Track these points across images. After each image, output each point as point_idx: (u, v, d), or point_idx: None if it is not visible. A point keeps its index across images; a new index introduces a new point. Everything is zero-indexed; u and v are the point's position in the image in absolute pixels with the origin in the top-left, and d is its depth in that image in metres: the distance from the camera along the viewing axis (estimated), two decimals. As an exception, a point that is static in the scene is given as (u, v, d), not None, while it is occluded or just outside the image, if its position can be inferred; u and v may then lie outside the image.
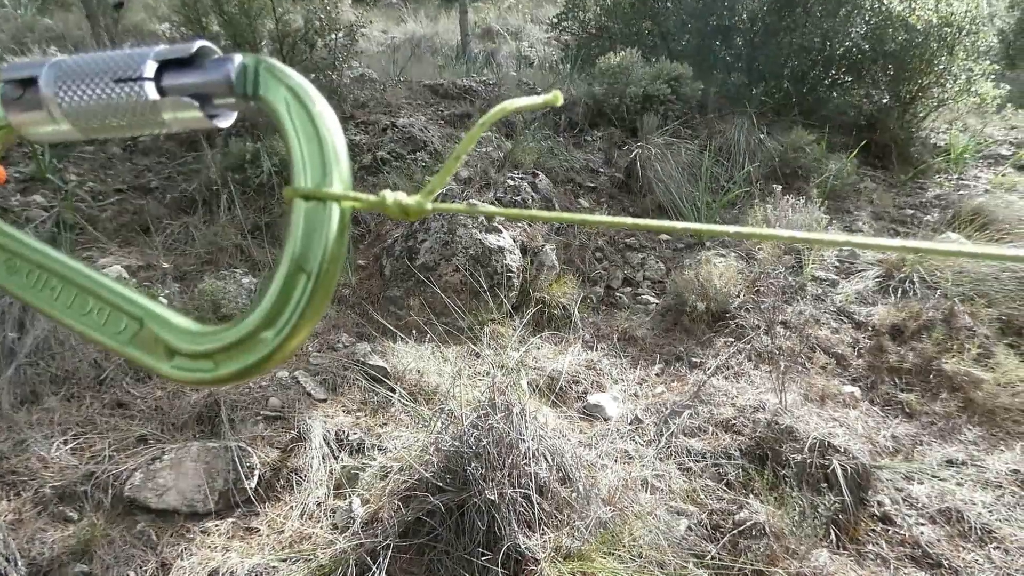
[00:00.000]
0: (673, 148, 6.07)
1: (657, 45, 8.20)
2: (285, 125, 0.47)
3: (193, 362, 0.46)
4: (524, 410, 2.77)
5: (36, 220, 4.31)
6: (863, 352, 4.11)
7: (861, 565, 2.74)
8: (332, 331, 4.03)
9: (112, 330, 0.47)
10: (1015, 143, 7.81)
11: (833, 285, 4.71)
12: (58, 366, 3.29)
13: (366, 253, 4.82)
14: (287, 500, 2.82)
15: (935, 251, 0.44)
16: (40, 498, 2.68)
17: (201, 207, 4.81)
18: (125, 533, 2.58)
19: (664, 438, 3.29)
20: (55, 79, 0.49)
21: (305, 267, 0.44)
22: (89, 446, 2.94)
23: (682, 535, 2.73)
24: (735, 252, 4.95)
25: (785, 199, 5.17)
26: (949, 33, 6.65)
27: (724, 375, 3.85)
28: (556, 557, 2.51)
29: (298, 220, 0.45)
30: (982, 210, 5.49)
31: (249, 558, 2.52)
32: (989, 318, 4.16)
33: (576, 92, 6.89)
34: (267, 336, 0.45)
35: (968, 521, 2.93)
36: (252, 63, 0.48)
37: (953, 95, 7.03)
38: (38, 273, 0.49)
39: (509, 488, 2.55)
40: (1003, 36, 11.77)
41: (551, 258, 4.62)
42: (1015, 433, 3.54)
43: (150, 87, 0.47)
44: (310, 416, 3.16)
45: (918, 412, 3.70)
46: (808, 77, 7.28)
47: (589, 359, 4.00)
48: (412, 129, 5.87)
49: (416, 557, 2.55)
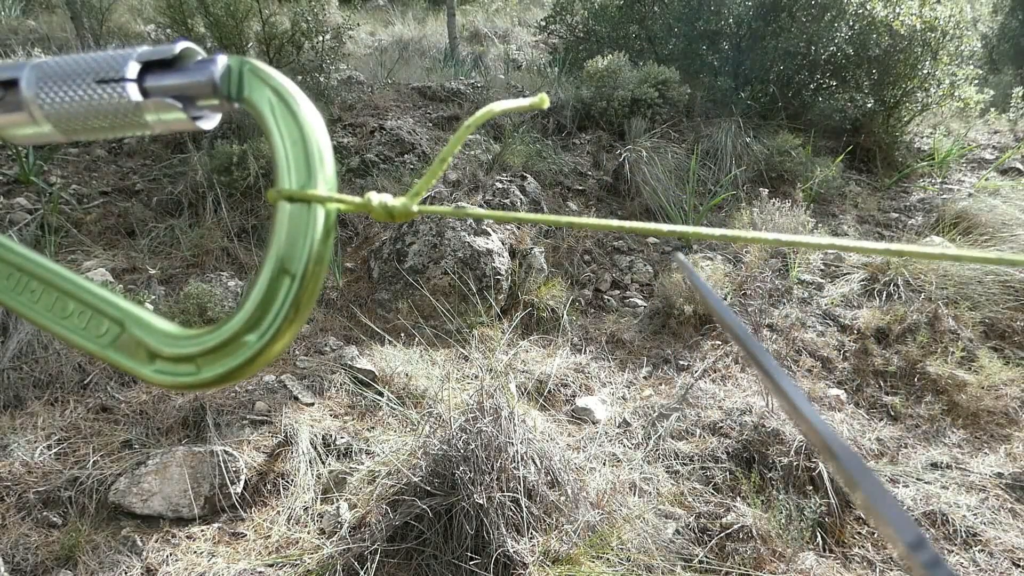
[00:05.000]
0: (660, 151, 6.09)
1: (644, 49, 8.23)
2: (269, 127, 0.46)
3: (175, 366, 0.46)
4: (512, 413, 2.77)
5: (20, 223, 4.26)
6: (848, 355, 4.14)
7: (847, 568, 2.75)
8: (319, 334, 4.01)
9: (93, 333, 0.47)
10: (998, 147, 7.89)
11: (819, 288, 4.74)
12: (41, 370, 3.26)
13: (354, 256, 4.81)
14: (274, 505, 2.81)
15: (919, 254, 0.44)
16: (24, 503, 2.65)
17: (187, 209, 4.78)
18: (110, 539, 2.56)
19: (652, 441, 3.29)
20: (36, 81, 0.48)
21: (289, 269, 0.44)
22: (73, 451, 2.91)
23: (670, 538, 2.74)
24: (722, 255, 4.98)
25: (771, 203, 5.20)
26: (933, 38, 6.71)
27: (711, 378, 3.86)
28: (544, 561, 2.51)
29: (282, 222, 0.44)
30: (966, 214, 5.54)
31: (235, 563, 2.51)
32: (973, 321, 4.20)
33: (564, 95, 6.91)
34: (250, 339, 0.44)
35: (953, 524, 2.95)
36: (236, 64, 0.47)
37: (937, 99, 7.09)
38: (18, 276, 0.49)
39: (498, 492, 2.55)
40: (986, 41, 11.92)
41: (540, 261, 4.62)
42: (999, 436, 3.57)
43: (132, 88, 0.47)
44: (297, 420, 3.14)
45: (903, 415, 3.72)
46: (794, 81, 7.33)
47: (577, 362, 4.00)
48: (400, 132, 5.86)
49: (404, 562, 2.54)
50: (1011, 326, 4.25)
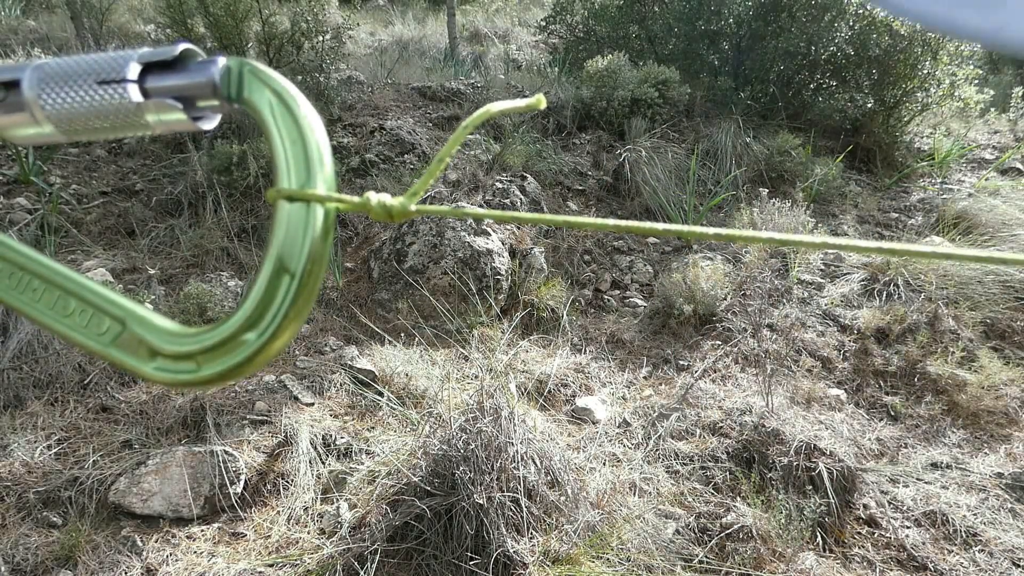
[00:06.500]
0: (660, 152, 6.09)
1: (644, 49, 8.24)
2: (269, 127, 0.47)
3: (175, 364, 0.46)
4: (512, 413, 2.77)
5: (20, 223, 4.27)
6: (848, 355, 4.14)
7: (847, 568, 2.76)
8: (319, 334, 4.01)
9: (94, 332, 0.47)
10: (998, 147, 7.89)
11: (819, 288, 4.74)
12: (41, 370, 3.26)
13: (354, 256, 4.81)
14: (274, 505, 2.81)
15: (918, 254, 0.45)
16: (24, 503, 2.65)
17: (187, 209, 4.78)
18: (110, 539, 2.56)
19: (652, 441, 3.30)
20: (38, 82, 0.48)
21: (289, 268, 0.44)
22: (73, 451, 2.91)
23: (670, 538, 2.74)
24: (722, 255, 4.98)
25: (771, 203, 5.20)
26: (933, 38, 6.71)
27: (711, 378, 3.86)
28: (544, 561, 2.51)
29: (282, 221, 0.45)
30: (966, 214, 5.54)
31: (235, 563, 2.51)
32: (973, 321, 4.20)
33: (564, 95, 6.91)
34: (250, 337, 0.44)
35: (953, 524, 2.95)
36: (236, 65, 0.47)
37: (937, 99, 7.09)
38: (20, 275, 0.49)
39: (498, 492, 2.55)
40: (986, 42, 11.87)
41: (540, 261, 4.62)
42: (999, 436, 3.58)
43: (133, 89, 0.47)
44: (297, 420, 3.15)
45: (903, 415, 3.73)
46: (794, 81, 7.33)
47: (577, 362, 4.00)
48: (400, 132, 5.86)
49: (404, 562, 2.54)
50: (1011, 326, 4.25)
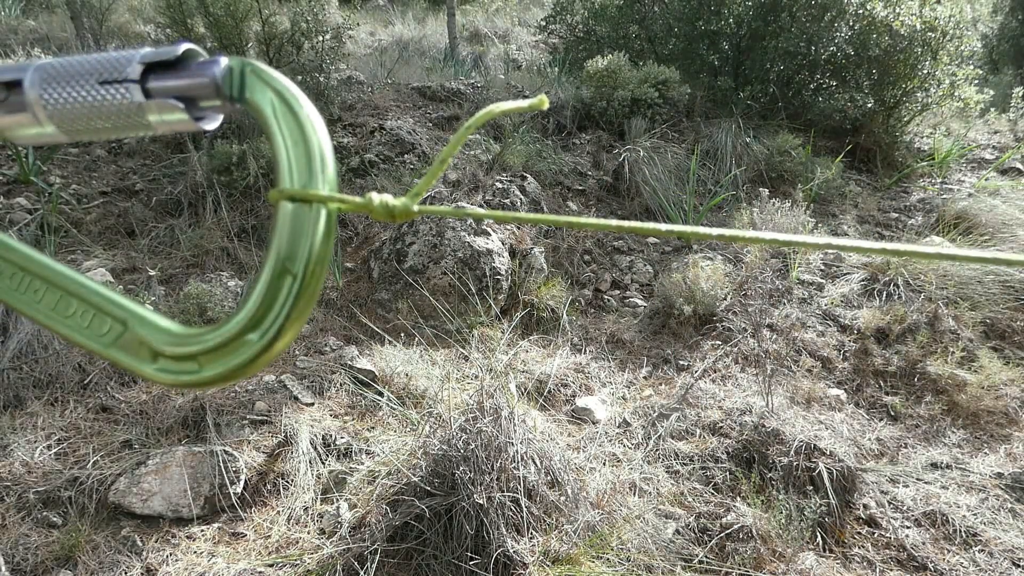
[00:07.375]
0: (660, 152, 6.10)
1: (644, 49, 8.24)
2: (271, 127, 0.47)
3: (177, 364, 0.46)
4: (512, 413, 2.77)
5: (20, 223, 4.27)
6: (848, 355, 4.14)
7: (847, 568, 2.76)
8: (319, 334, 4.01)
9: (96, 332, 0.47)
10: (998, 147, 7.89)
11: (819, 288, 4.75)
12: (41, 370, 3.26)
13: (354, 256, 4.81)
14: (274, 505, 2.81)
15: (918, 254, 0.45)
16: (24, 503, 2.65)
17: (187, 209, 4.78)
18: (110, 539, 2.56)
19: (652, 441, 3.30)
20: (40, 82, 0.48)
21: (291, 269, 0.44)
22: (73, 451, 2.91)
23: (670, 538, 2.74)
24: (722, 255, 4.98)
25: (771, 203, 5.20)
26: (933, 38, 6.71)
27: (711, 378, 3.86)
28: (544, 561, 2.51)
29: (284, 222, 0.45)
30: (966, 214, 5.54)
31: (235, 563, 2.51)
32: (973, 321, 4.20)
33: (564, 95, 6.92)
34: (252, 338, 0.44)
35: (953, 524, 2.95)
36: (238, 65, 0.47)
37: (937, 99, 7.10)
38: (21, 276, 0.49)
39: (497, 492, 2.55)
40: (986, 41, 11.92)
41: (540, 261, 4.62)
42: (999, 436, 3.58)
43: (135, 89, 0.47)
44: (297, 420, 3.15)
45: (903, 415, 3.73)
46: (794, 81, 7.33)
47: (577, 362, 4.00)
48: (400, 132, 5.86)
49: (404, 562, 2.54)
50: (1011, 326, 4.25)
